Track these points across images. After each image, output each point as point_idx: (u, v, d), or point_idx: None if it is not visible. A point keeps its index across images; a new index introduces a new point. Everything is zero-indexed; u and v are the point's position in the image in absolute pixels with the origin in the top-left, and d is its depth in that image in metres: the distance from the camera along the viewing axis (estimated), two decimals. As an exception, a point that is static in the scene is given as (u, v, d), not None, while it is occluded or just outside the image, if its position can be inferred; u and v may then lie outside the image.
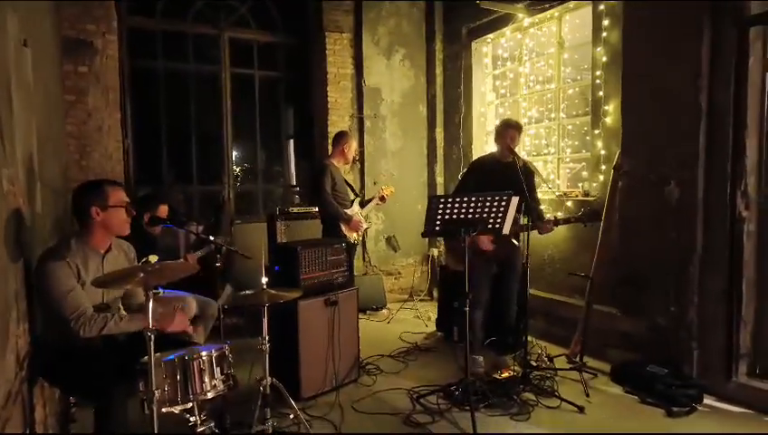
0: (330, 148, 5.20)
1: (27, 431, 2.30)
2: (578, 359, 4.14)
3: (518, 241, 4.09)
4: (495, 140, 4.20)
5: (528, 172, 4.04)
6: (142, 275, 2.18)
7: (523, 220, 3.89)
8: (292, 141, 6.94)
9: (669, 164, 3.84)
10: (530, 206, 3.81)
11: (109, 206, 2.60)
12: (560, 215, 4.84)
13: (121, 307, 2.83)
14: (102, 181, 2.75)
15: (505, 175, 3.90)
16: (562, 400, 3.52)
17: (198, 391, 2.40)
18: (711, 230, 3.66)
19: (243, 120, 6.38)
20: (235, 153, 6.42)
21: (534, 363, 4.09)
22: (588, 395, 3.65)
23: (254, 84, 6.37)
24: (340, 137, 4.99)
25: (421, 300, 6.50)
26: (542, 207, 4.40)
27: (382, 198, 5.14)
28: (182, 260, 4.05)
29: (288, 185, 6.90)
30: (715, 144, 3.61)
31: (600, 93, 4.60)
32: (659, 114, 3.94)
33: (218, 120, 6.12)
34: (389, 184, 5.70)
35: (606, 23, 4.51)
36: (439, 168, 6.83)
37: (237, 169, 6.75)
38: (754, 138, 3.50)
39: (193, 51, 6.01)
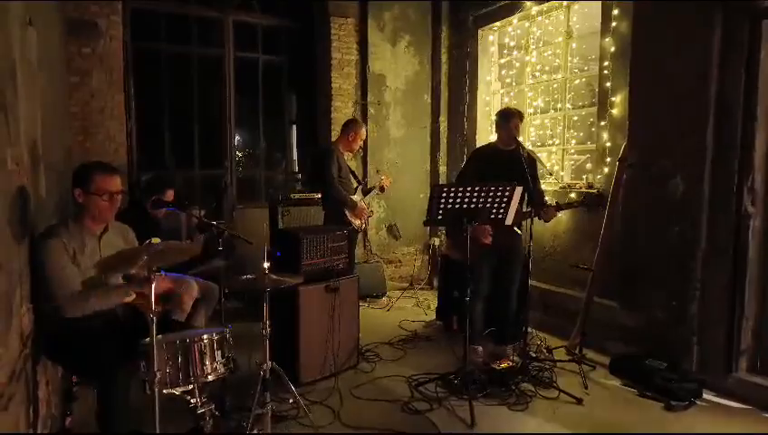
0: (338, 134, 5.17)
1: (31, 410, 2.31)
2: (577, 351, 4.15)
3: (520, 230, 4.07)
4: (497, 129, 4.17)
5: (531, 161, 4.02)
6: (146, 257, 2.18)
7: (525, 209, 3.88)
8: (294, 127, 6.91)
9: (676, 157, 3.82)
10: (532, 195, 3.80)
11: (91, 191, 2.61)
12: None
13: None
14: (93, 165, 2.75)
15: (508, 164, 3.87)
16: (561, 391, 3.54)
17: (199, 373, 2.42)
18: (715, 225, 3.65)
19: (246, 105, 6.35)
20: (237, 138, 6.39)
21: (533, 354, 4.11)
22: (586, 387, 3.66)
23: (258, 68, 6.33)
24: (349, 125, 4.95)
25: (421, 289, 6.50)
26: (546, 198, 4.37)
27: (382, 188, 5.14)
28: (188, 241, 4.05)
29: (290, 171, 6.89)
30: (722, 138, 3.59)
31: (608, 84, 4.56)
32: (667, 106, 3.90)
33: (221, 104, 6.08)
34: (389, 174, 5.70)
35: (615, 12, 4.46)
36: (442, 156, 6.80)
37: (239, 154, 6.72)
38: (764, 132, 3.47)
39: (197, 34, 5.96)
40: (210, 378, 2.47)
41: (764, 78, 3.44)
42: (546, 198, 4.46)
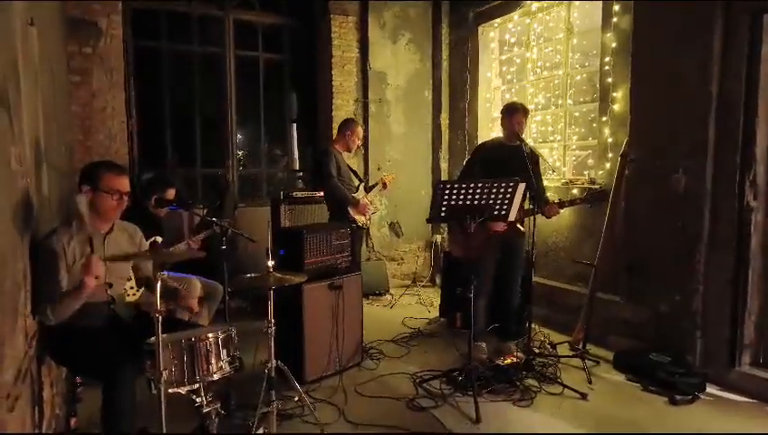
0: (335, 133, 5.19)
1: (36, 412, 2.31)
2: (581, 346, 4.15)
3: (522, 226, 4.08)
4: (501, 124, 4.18)
5: (535, 158, 4.02)
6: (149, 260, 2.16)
7: (527, 205, 3.88)
8: (295, 125, 6.90)
9: (678, 152, 3.82)
10: (536, 191, 3.80)
11: (98, 189, 2.61)
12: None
13: (132, 281, 2.85)
14: (102, 163, 2.75)
15: (511, 159, 3.87)
16: (565, 386, 3.54)
17: (205, 372, 2.41)
18: (718, 219, 3.65)
19: (246, 103, 6.34)
20: (238, 136, 6.38)
21: (537, 350, 4.12)
22: (590, 382, 3.66)
23: (259, 67, 6.32)
24: (346, 124, 4.98)
25: (424, 286, 6.52)
26: (547, 194, 4.38)
27: (384, 185, 5.16)
28: (185, 244, 4.04)
29: (291, 169, 6.88)
30: (724, 133, 3.59)
31: (609, 80, 4.55)
32: (669, 102, 3.90)
33: (222, 102, 6.08)
34: (391, 171, 5.72)
35: (617, 8, 4.46)
36: (444, 153, 6.80)
37: (240, 153, 6.71)
38: (765, 127, 3.47)
39: (197, 32, 5.96)
40: (216, 377, 2.45)
41: (765, 73, 3.44)
42: (548, 195, 4.46)
